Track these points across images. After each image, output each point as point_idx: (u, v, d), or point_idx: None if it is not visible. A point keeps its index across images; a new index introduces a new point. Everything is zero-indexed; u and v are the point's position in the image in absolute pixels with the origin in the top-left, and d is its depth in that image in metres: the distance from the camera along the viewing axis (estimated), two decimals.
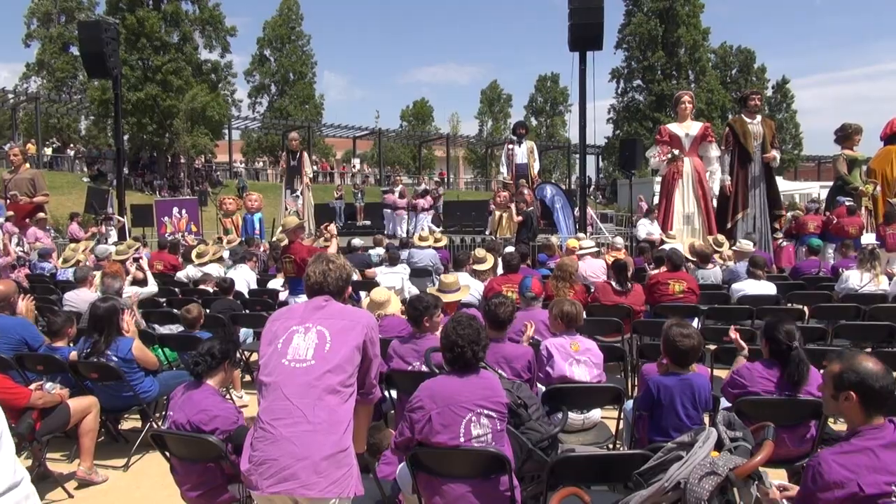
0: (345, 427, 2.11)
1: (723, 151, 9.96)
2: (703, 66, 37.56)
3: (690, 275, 6.37)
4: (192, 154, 27.37)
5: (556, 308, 3.79)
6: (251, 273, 7.78)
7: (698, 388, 2.91)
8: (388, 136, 35.92)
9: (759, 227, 9.74)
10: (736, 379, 3.14)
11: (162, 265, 8.45)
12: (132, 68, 25.01)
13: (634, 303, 5.47)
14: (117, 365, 3.90)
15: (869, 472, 1.84)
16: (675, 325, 3.00)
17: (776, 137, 10.18)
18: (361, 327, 2.26)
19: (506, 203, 12.38)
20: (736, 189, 9.81)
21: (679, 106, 10.11)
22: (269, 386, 2.14)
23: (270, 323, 2.33)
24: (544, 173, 31.65)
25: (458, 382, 2.47)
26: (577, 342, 3.67)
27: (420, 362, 3.46)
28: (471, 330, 2.51)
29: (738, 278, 6.53)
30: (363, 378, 2.30)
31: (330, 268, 2.38)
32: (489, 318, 3.42)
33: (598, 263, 7.25)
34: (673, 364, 2.98)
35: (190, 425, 2.72)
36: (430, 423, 2.40)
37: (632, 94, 38.47)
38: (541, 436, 2.73)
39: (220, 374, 2.96)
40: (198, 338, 4.49)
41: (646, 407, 3.00)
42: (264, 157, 35.20)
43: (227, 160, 31.83)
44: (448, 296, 4.64)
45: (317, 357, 2.15)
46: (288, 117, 32.49)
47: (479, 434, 2.39)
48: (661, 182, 10.61)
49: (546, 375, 3.60)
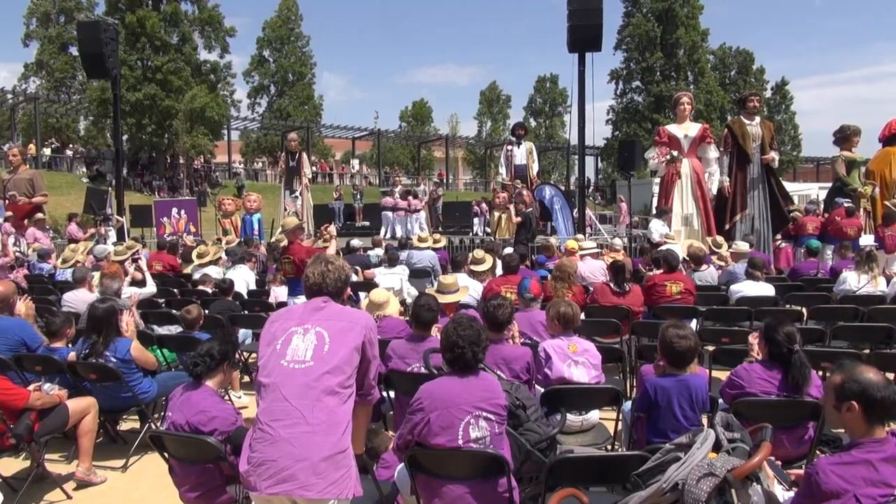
0: (343, 428, 2.11)
1: (721, 153, 9.98)
2: (701, 68, 37.62)
3: (688, 276, 6.38)
4: (191, 154, 27.38)
5: (553, 309, 3.79)
6: (250, 274, 7.77)
7: (696, 390, 2.91)
8: (387, 137, 35.93)
9: (758, 228, 9.75)
10: (734, 380, 3.15)
11: (161, 266, 8.44)
12: (131, 68, 25.02)
13: (633, 304, 5.47)
14: (116, 366, 3.89)
15: (867, 484, 1.84)
16: (671, 326, 3.00)
17: (775, 139, 10.21)
18: (360, 328, 2.26)
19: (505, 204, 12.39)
20: (734, 190, 9.83)
21: (678, 107, 10.13)
22: (268, 387, 2.15)
23: (269, 324, 2.33)
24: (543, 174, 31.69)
25: (457, 384, 2.47)
26: (575, 343, 3.67)
27: (420, 363, 3.46)
28: (472, 331, 2.51)
29: (736, 279, 6.54)
30: (362, 379, 2.30)
31: (329, 269, 2.38)
32: (488, 320, 3.42)
33: (597, 264, 7.26)
34: (670, 365, 2.98)
35: (189, 426, 2.72)
36: (429, 425, 2.40)
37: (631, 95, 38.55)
38: (539, 437, 2.73)
39: (219, 375, 2.95)
40: (197, 339, 4.49)
41: (643, 408, 3.00)
42: (263, 158, 35.21)
43: (226, 161, 31.82)
44: (447, 297, 4.64)
45: (316, 358, 2.15)
46: (287, 118, 32.50)
47: (478, 437, 2.39)
48: (660, 183, 10.63)
49: (544, 377, 3.60)
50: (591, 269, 7.09)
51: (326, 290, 2.36)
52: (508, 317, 3.52)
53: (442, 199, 17.70)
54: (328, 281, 2.36)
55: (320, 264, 2.40)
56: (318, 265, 2.40)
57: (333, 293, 2.37)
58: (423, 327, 3.64)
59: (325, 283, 2.36)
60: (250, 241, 10.11)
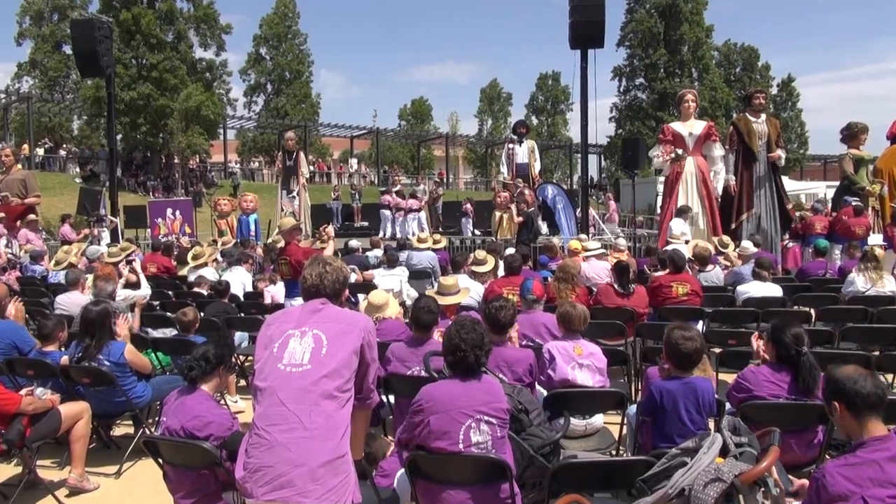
0: (342, 433, 2.10)
1: (727, 151, 9.97)
2: (706, 64, 37.63)
3: (694, 276, 6.37)
4: (186, 154, 27.39)
5: (560, 309, 3.79)
6: (247, 275, 7.77)
7: (702, 393, 2.90)
8: (385, 136, 35.94)
9: (765, 227, 9.74)
10: (741, 383, 3.14)
11: (155, 268, 8.45)
12: (126, 66, 25.01)
13: (637, 305, 5.45)
14: (109, 369, 3.88)
15: (874, 485, 1.84)
16: (676, 327, 3.00)
17: (781, 136, 10.20)
18: (359, 331, 2.26)
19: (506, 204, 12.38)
20: (740, 189, 9.81)
21: (682, 104, 10.12)
22: (265, 391, 2.14)
23: (266, 327, 2.33)
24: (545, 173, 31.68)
25: (459, 387, 2.47)
26: (581, 346, 3.66)
27: (421, 367, 3.45)
28: (475, 334, 2.51)
29: (743, 280, 6.52)
30: (360, 383, 2.30)
31: (326, 270, 2.38)
32: (490, 322, 3.42)
33: (601, 265, 7.24)
34: (675, 368, 2.97)
35: (183, 431, 2.71)
36: (429, 427, 2.40)
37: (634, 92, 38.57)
38: (542, 442, 2.72)
39: (215, 380, 2.95)
40: (192, 342, 4.48)
41: (649, 412, 2.99)
42: (260, 157, 35.22)
43: (222, 160, 31.84)
44: (447, 298, 4.63)
45: (313, 361, 2.14)
46: (284, 116, 32.50)
47: (479, 441, 2.38)
48: (665, 182, 10.62)
49: (547, 378, 3.59)
50: (595, 270, 7.07)
51: (324, 291, 2.35)
52: (511, 319, 3.51)
53: (442, 198, 17.73)
54: (326, 282, 2.36)
55: (318, 265, 2.40)
56: (316, 266, 2.40)
57: (331, 295, 2.37)
58: (424, 330, 3.63)
59: (322, 285, 2.36)
60: (247, 243, 10.11)
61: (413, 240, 10.20)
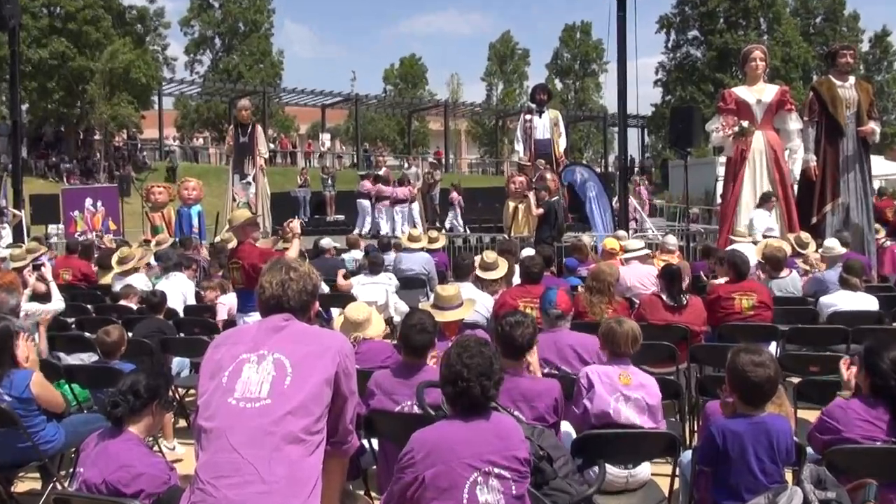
0: (310, 488, 2.10)
1: (805, 123, 10.00)
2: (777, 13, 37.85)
3: (762, 284, 6.37)
4: (110, 129, 27.45)
5: (603, 327, 3.83)
6: (188, 284, 7.78)
7: (777, 435, 2.90)
8: (367, 105, 36.09)
9: (855, 222, 9.74)
10: (826, 422, 3.14)
11: (70, 274, 8.45)
12: (35, 17, 25.08)
13: (692, 322, 5.46)
14: (10, 406, 3.87)
15: None
16: (743, 350, 3.00)
17: (875, 105, 10.22)
18: (333, 354, 2.27)
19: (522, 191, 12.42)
20: (823, 172, 9.83)
21: (748, 64, 10.17)
22: (212, 433, 2.14)
23: (213, 350, 2.34)
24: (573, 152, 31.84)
25: (461, 430, 2.46)
26: (629, 374, 3.66)
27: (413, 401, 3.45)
28: (481, 359, 2.51)
29: (827, 290, 6.55)
30: (335, 422, 2.31)
31: (291, 277, 2.40)
32: (502, 343, 3.42)
33: (646, 270, 7.24)
34: (743, 403, 2.97)
35: (106, 486, 2.71)
36: (424, 485, 2.39)
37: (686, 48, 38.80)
38: (571, 499, 2.72)
39: (147, 419, 2.96)
40: (117, 370, 4.47)
41: (708, 460, 2.99)
42: (205, 133, 35.34)
43: (156, 137, 31.94)
44: (447, 313, 4.63)
45: (274, 394, 2.15)
46: (237, 80, 32.63)
47: (489, 501, 2.38)
48: (726, 163, 10.67)
49: (583, 410, 3.58)
50: (638, 277, 7.07)
51: (287, 304, 2.37)
52: (529, 339, 3.50)
53: (440, 184, 17.76)
54: (290, 293, 2.37)
55: (279, 271, 2.42)
56: (277, 272, 2.41)
57: (297, 309, 2.38)
58: (416, 354, 3.63)
59: (285, 296, 2.37)
60: (188, 242, 10.13)
61: (402, 238, 10.23)
